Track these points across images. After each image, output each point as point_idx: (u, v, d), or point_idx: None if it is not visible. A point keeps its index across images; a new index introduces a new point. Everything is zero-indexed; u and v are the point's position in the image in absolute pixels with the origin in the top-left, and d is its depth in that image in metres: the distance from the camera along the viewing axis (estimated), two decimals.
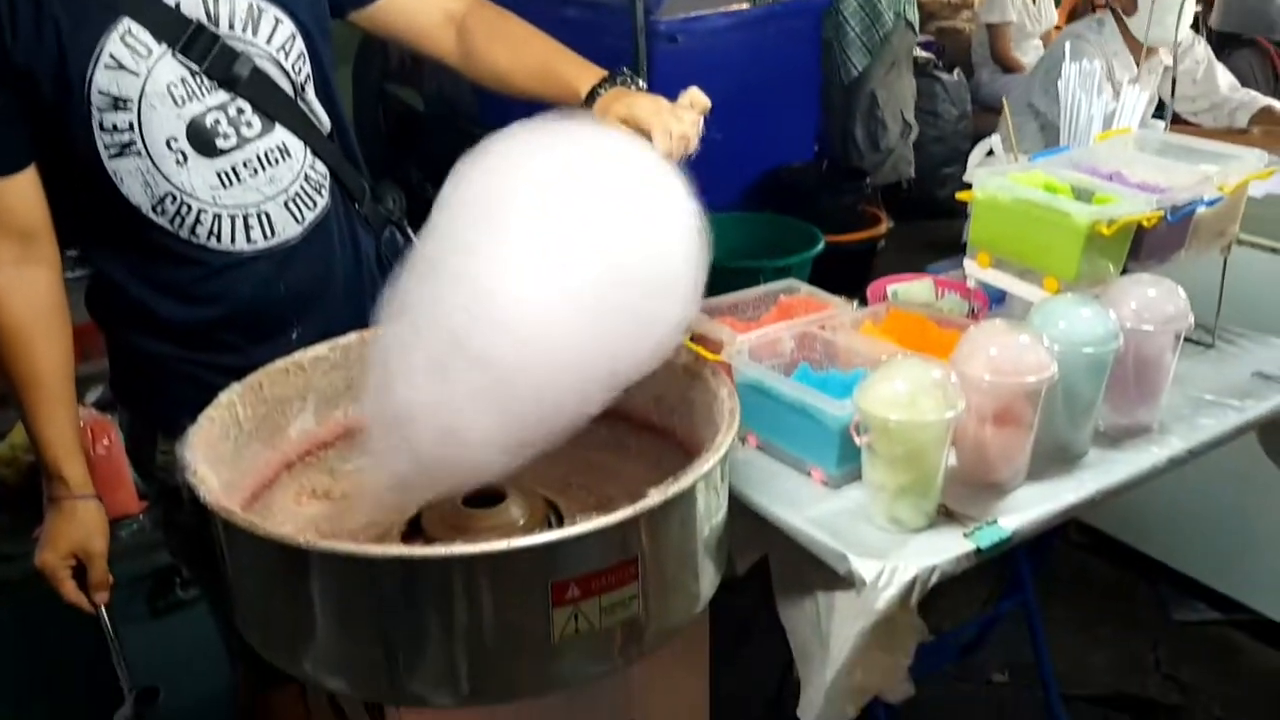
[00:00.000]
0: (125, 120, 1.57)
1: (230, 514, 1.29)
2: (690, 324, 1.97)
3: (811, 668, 1.67)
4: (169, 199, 1.63)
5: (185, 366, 1.75)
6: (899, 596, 1.55)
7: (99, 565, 1.69)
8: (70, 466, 1.65)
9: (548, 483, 1.72)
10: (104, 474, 2.51)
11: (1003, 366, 1.66)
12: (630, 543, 1.30)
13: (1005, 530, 1.64)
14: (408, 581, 1.24)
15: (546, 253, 1.32)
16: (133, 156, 1.59)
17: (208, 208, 1.65)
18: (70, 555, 1.67)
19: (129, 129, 1.58)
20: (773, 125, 4.97)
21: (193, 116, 1.61)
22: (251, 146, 1.67)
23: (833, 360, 1.92)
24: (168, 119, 1.59)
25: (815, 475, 1.77)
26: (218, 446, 1.51)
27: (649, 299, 1.37)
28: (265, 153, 1.68)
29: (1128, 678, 2.79)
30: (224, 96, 1.63)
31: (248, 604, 1.40)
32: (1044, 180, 1.95)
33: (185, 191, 1.63)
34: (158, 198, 1.62)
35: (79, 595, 1.70)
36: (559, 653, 1.29)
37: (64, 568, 1.67)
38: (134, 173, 1.60)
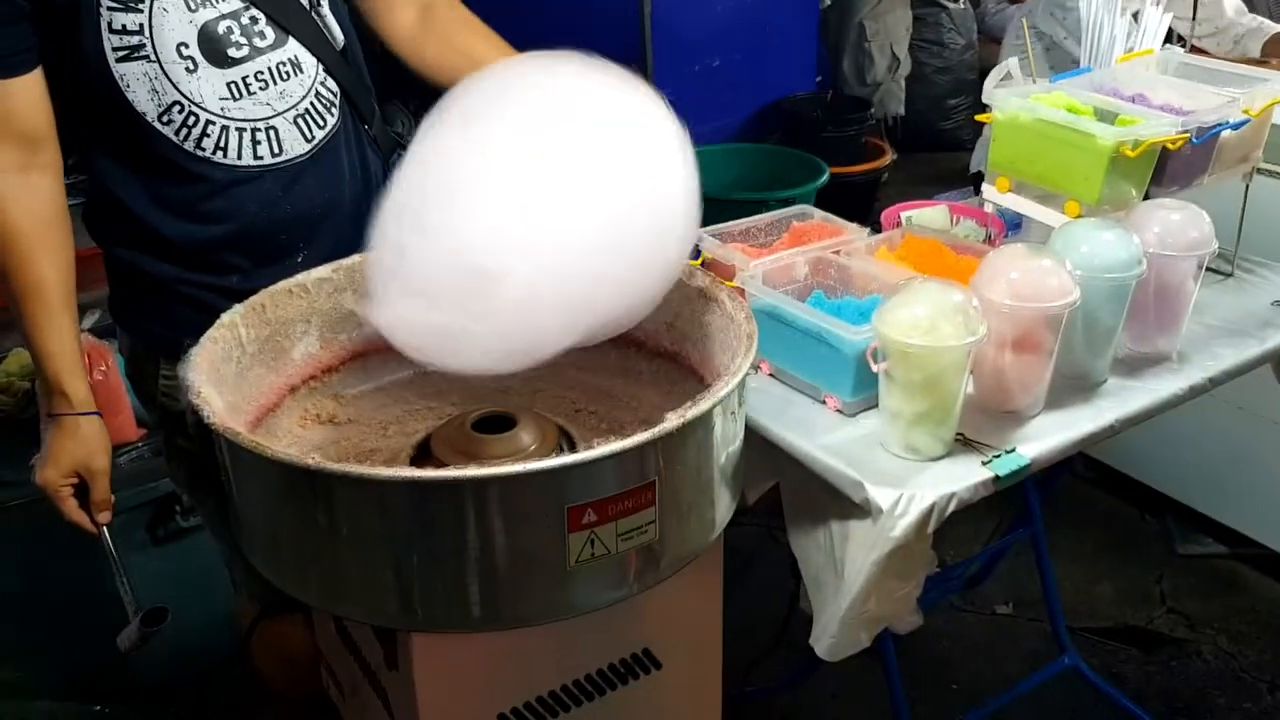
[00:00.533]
0: (135, 21, 1.53)
1: (236, 435, 1.26)
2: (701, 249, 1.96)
3: (825, 596, 1.64)
4: (176, 108, 1.58)
5: (188, 288, 1.70)
6: (916, 525, 1.52)
7: (101, 484, 1.65)
8: (72, 381, 1.60)
9: (558, 409, 1.69)
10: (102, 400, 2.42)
11: (1024, 291, 1.62)
12: (647, 468, 1.27)
13: (1024, 458, 1.61)
14: (419, 504, 1.21)
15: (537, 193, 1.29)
16: (141, 61, 1.55)
17: (215, 119, 1.60)
18: (72, 473, 1.63)
19: (139, 31, 1.53)
20: (774, 54, 4.89)
21: (205, 22, 1.56)
22: (264, 58, 1.62)
23: (848, 286, 1.88)
24: (179, 23, 1.55)
25: (830, 403, 1.74)
26: (220, 368, 1.47)
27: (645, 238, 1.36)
28: (277, 65, 1.64)
29: (1133, 611, 2.79)
30: (238, 4, 1.59)
31: (253, 529, 1.37)
32: (1066, 102, 1.90)
33: (193, 101, 1.58)
34: (164, 106, 1.58)
35: (81, 514, 1.66)
36: (574, 578, 1.26)
37: (65, 486, 1.63)
38: (141, 78, 1.55)
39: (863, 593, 1.58)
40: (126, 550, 2.45)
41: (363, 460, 1.59)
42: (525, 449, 1.48)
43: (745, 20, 4.65)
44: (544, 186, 1.29)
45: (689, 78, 4.59)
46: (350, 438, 1.64)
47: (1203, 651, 2.66)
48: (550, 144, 1.31)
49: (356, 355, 1.71)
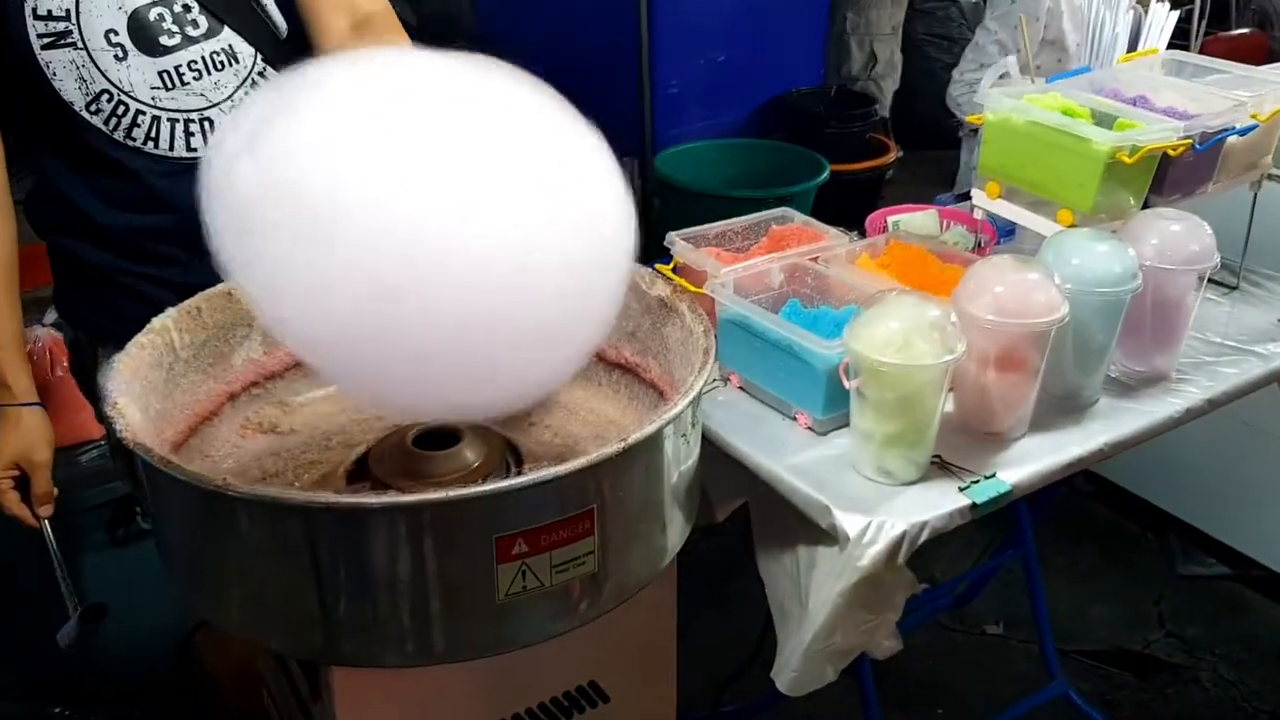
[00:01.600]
0: (61, 7, 1.47)
1: (147, 451, 1.17)
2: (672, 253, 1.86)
3: (789, 626, 1.55)
4: (105, 96, 1.53)
5: (128, 279, 1.65)
6: (885, 554, 1.43)
7: (42, 476, 1.60)
8: (12, 370, 1.56)
9: (510, 423, 1.59)
10: (65, 397, 2.40)
11: (1008, 306, 1.52)
12: (586, 494, 1.18)
13: (1005, 485, 1.51)
14: (333, 531, 1.12)
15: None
16: (68, 48, 1.49)
17: (146, 109, 1.55)
18: (13, 465, 1.58)
19: (65, 17, 1.48)
20: (781, 49, 4.79)
21: (135, 9, 1.52)
22: (196, 47, 1.56)
23: (825, 296, 1.78)
24: (108, 9, 1.50)
25: (801, 420, 1.64)
26: (148, 375, 1.38)
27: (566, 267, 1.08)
28: (210, 55, 1.58)
29: (1129, 633, 2.69)
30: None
31: (171, 550, 1.29)
32: (1062, 103, 1.79)
33: (123, 90, 1.53)
34: (93, 95, 1.53)
35: (21, 508, 1.61)
36: (506, 612, 1.17)
37: (5, 479, 1.58)
38: (68, 66, 1.50)
39: (828, 625, 1.48)
40: (85, 551, 2.40)
41: (301, 474, 1.50)
42: (467, 467, 1.39)
43: (752, 12, 4.56)
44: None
45: (692, 71, 4.50)
46: (291, 449, 1.55)
47: (1201, 679, 2.56)
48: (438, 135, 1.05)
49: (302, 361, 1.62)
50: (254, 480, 1.48)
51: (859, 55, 5.06)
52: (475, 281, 0.99)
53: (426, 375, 1.05)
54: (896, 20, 5.12)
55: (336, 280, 0.99)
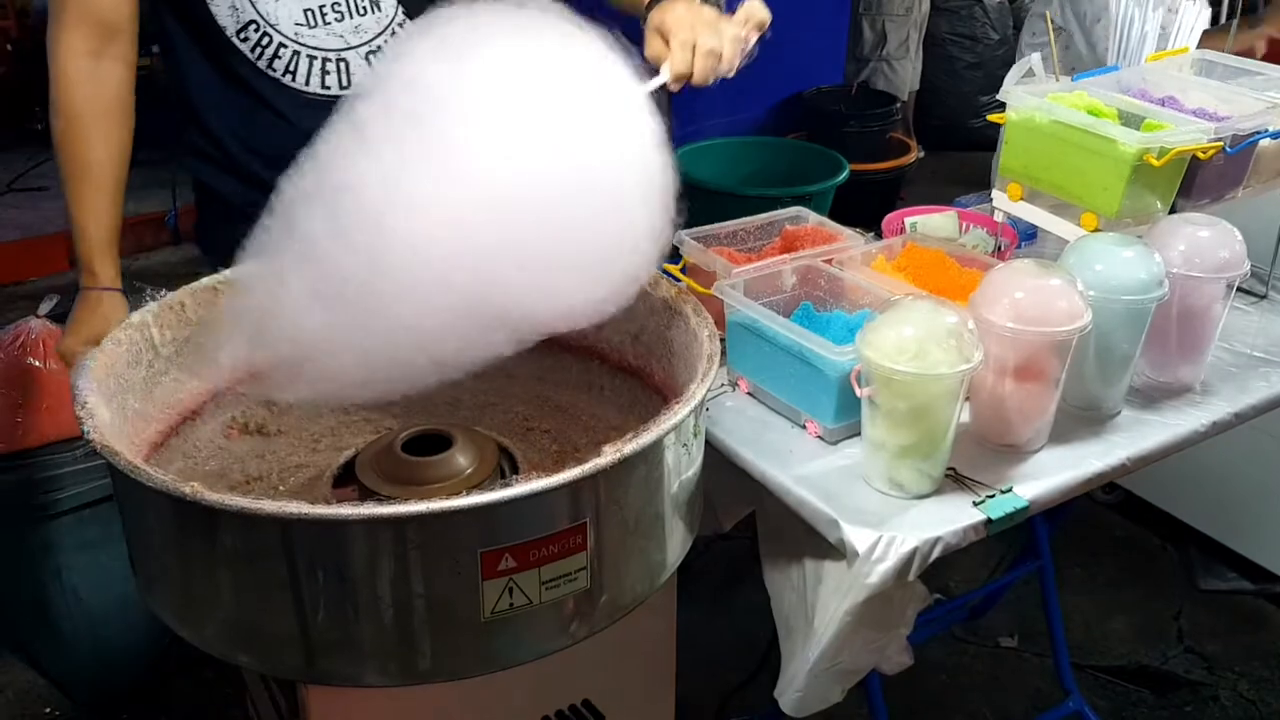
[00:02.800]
0: None
1: (113, 455, 1.11)
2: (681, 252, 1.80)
3: (794, 643, 1.49)
4: (252, 26, 1.60)
5: (250, 208, 1.64)
6: (894, 571, 1.36)
7: None
8: (102, 260, 1.57)
9: (508, 427, 1.54)
10: (59, 390, 2.35)
11: (1028, 314, 1.45)
12: (579, 506, 1.12)
13: (1021, 500, 1.44)
14: (309, 544, 1.06)
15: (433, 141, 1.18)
16: None
17: (288, 43, 1.62)
18: (90, 343, 1.52)
19: None
20: (800, 46, 4.72)
21: None
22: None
23: (838, 299, 1.71)
24: None
25: (810, 428, 1.57)
26: (125, 373, 1.33)
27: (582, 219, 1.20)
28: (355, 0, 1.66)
29: (1147, 648, 2.61)
30: None
31: (140, 559, 1.23)
32: (1088, 103, 1.72)
33: (269, 22, 1.61)
34: (242, 23, 1.60)
35: None
36: (492, 630, 1.11)
37: (82, 354, 1.52)
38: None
39: (834, 644, 1.42)
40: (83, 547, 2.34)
41: (286, 477, 1.45)
42: (459, 474, 1.33)
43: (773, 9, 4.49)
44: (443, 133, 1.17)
45: None
46: (277, 451, 1.49)
47: (1220, 696, 2.47)
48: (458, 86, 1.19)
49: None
50: (237, 483, 1.43)
51: (870, 35, 4.96)
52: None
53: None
54: (910, 1, 4.99)
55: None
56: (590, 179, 1.19)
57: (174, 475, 1.10)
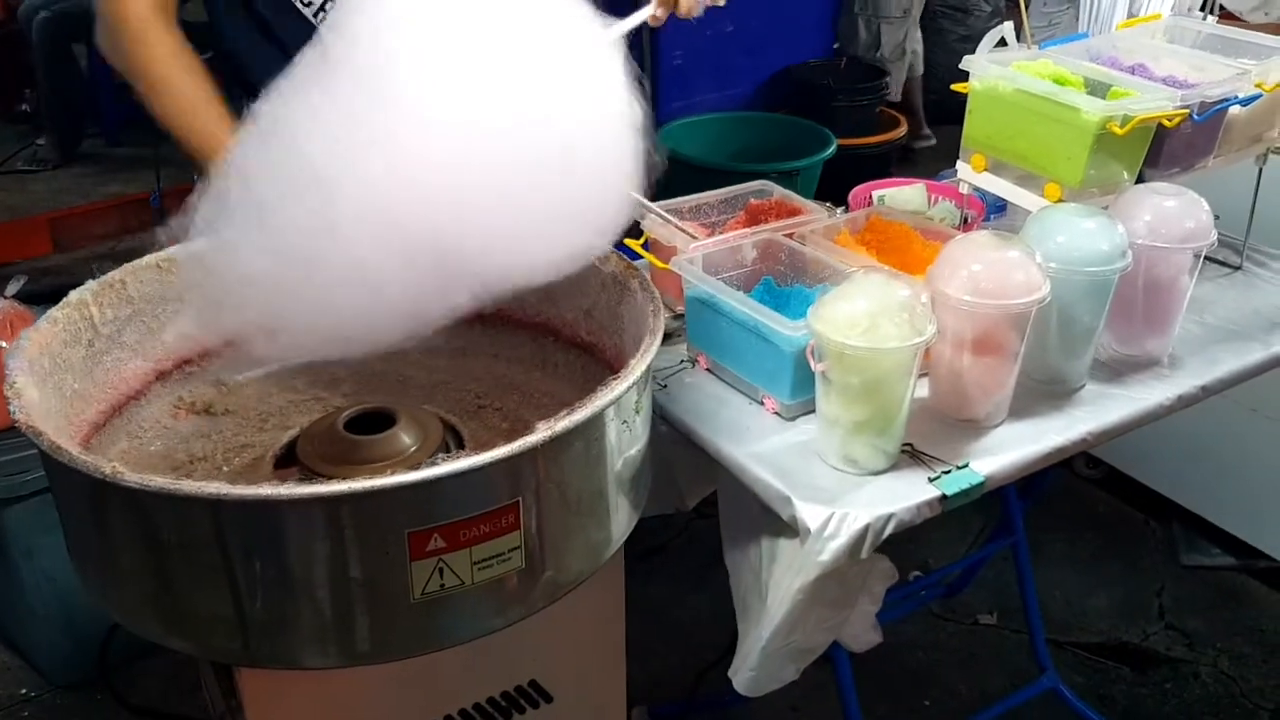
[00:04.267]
0: None
1: (36, 435, 1.09)
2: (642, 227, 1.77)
3: (749, 623, 1.47)
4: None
5: None
6: (846, 548, 1.34)
7: None
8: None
9: (458, 405, 1.51)
10: None
11: (985, 286, 1.43)
12: (512, 485, 1.09)
13: (978, 476, 1.42)
14: (235, 525, 1.04)
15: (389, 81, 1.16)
16: None
17: None
18: None
19: None
20: (792, 21, 4.67)
21: None
22: None
23: (799, 273, 1.69)
24: None
25: (768, 404, 1.55)
26: (63, 353, 1.31)
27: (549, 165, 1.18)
28: None
29: (1128, 625, 2.58)
30: None
31: (73, 543, 1.21)
32: (1053, 71, 1.69)
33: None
34: None
35: None
36: (424, 611, 1.09)
37: None
38: None
39: (787, 622, 1.40)
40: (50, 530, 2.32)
41: (231, 457, 1.43)
42: (402, 453, 1.31)
43: None
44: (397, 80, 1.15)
45: (698, 42, 4.39)
46: (223, 431, 1.47)
47: (1201, 673, 2.45)
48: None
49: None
50: (180, 464, 1.40)
51: (865, 36, 4.82)
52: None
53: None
54: (908, 3, 4.84)
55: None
56: (555, 130, 1.17)
57: (112, 457, 1.09)
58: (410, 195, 1.14)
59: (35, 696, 2.46)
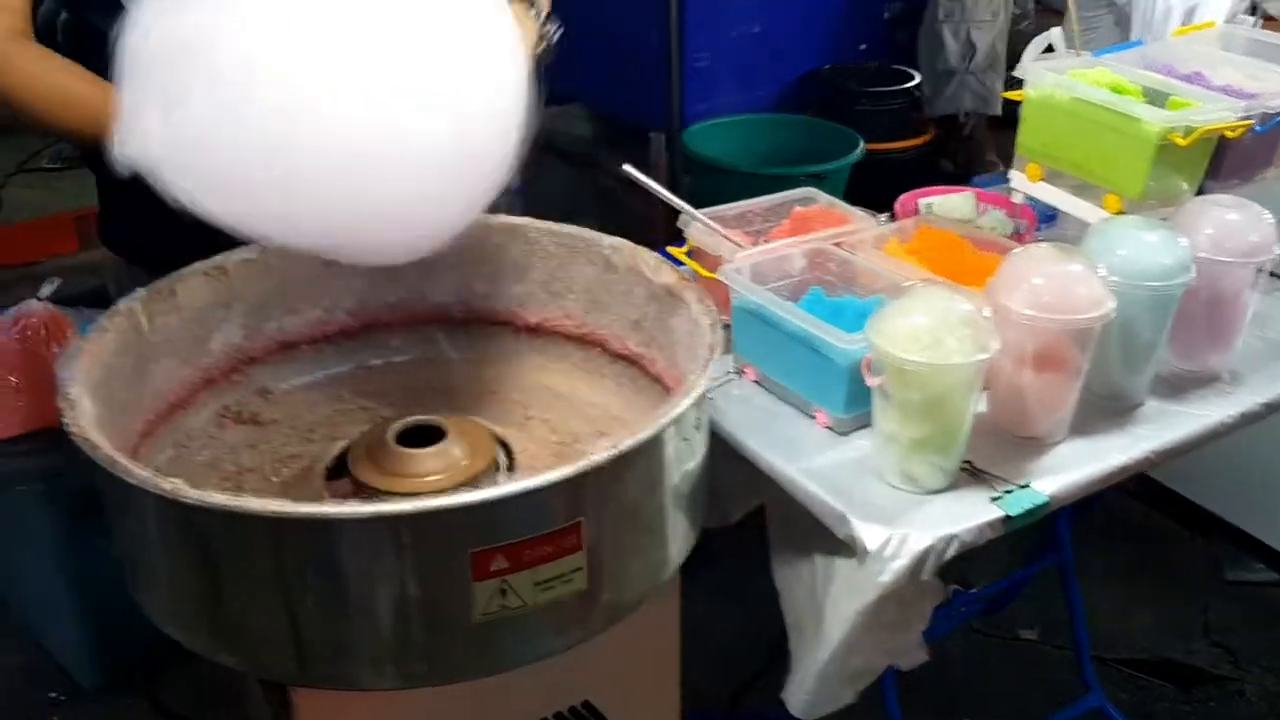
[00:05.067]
0: None
1: (93, 449, 1.07)
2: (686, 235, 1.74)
3: (803, 644, 1.44)
4: None
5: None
6: (908, 570, 1.31)
7: None
8: None
9: (506, 416, 1.49)
10: None
11: (1047, 301, 1.39)
12: (575, 505, 1.07)
13: (1041, 496, 1.39)
14: (293, 543, 1.02)
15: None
16: None
17: None
18: None
19: None
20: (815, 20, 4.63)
21: None
22: None
23: (850, 284, 1.66)
24: None
25: (820, 419, 1.52)
26: (113, 362, 1.28)
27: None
28: None
29: (1171, 641, 2.55)
30: None
31: (125, 556, 1.19)
32: (1110, 79, 1.66)
33: None
34: None
35: None
36: (484, 633, 1.07)
37: None
38: None
39: (844, 645, 1.37)
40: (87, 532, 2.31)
41: (279, 468, 1.41)
42: (453, 466, 1.29)
43: None
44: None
45: (724, 43, 4.36)
46: (271, 441, 1.45)
47: (1246, 691, 2.42)
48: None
49: (286, 345, 1.52)
50: (229, 474, 1.39)
51: (954, 45, 4.47)
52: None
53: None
54: (996, 5, 4.45)
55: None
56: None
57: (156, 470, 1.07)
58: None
59: (65, 701, 2.45)
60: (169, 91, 1.10)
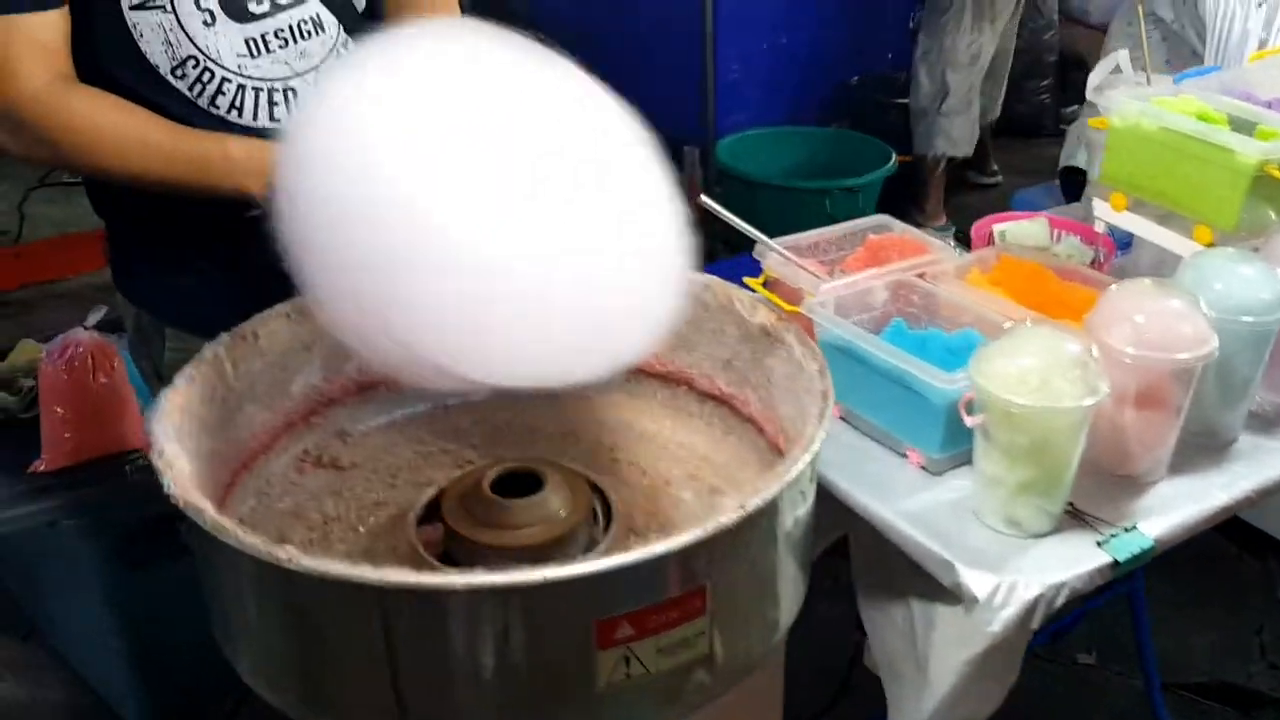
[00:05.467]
0: None
1: (198, 513, 1.03)
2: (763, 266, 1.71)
3: (903, 691, 1.41)
4: (191, 62, 1.46)
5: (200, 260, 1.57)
6: (1017, 619, 1.28)
7: None
8: (218, 138, 1.42)
9: (594, 459, 1.45)
10: (108, 404, 2.29)
11: (1151, 338, 1.36)
12: (699, 568, 1.03)
13: (1147, 539, 1.36)
14: (407, 611, 0.98)
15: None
16: (156, 10, 1.43)
17: (232, 77, 1.49)
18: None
19: None
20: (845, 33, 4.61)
21: None
22: (284, 15, 1.52)
23: (933, 316, 1.63)
24: None
25: (912, 458, 1.49)
26: (199, 412, 1.25)
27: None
28: (298, 23, 1.53)
29: (1230, 664, 2.51)
30: None
31: (222, 615, 1.15)
32: (1197, 108, 1.62)
33: (209, 56, 1.47)
34: (179, 60, 1.46)
35: None
36: (604, 703, 1.03)
37: None
38: (156, 28, 1.44)
39: (951, 695, 1.34)
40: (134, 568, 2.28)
41: (365, 516, 1.37)
42: (553, 517, 1.25)
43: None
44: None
45: (755, 55, 4.34)
46: (353, 487, 1.41)
47: None
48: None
49: (364, 387, 1.48)
50: (314, 524, 1.35)
51: (927, 85, 4.26)
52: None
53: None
54: (977, 48, 4.24)
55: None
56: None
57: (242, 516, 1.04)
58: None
59: None
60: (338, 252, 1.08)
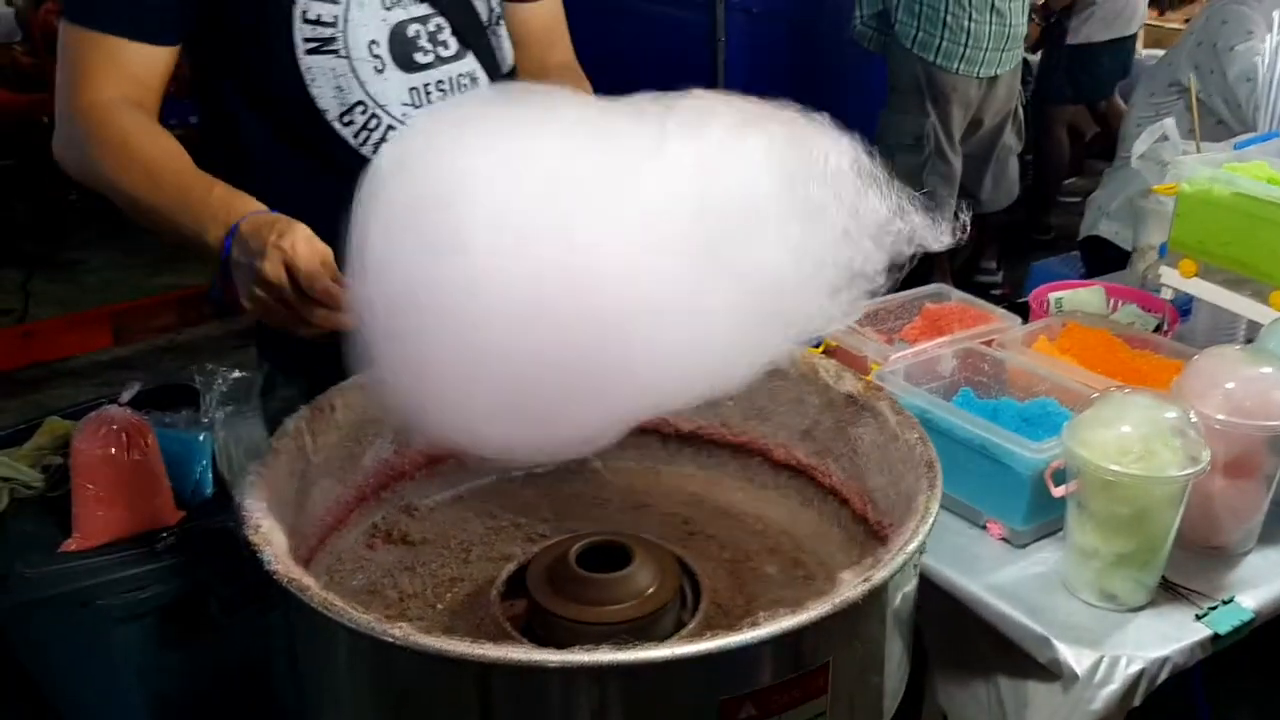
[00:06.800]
0: (331, 13, 1.43)
1: (303, 590, 0.99)
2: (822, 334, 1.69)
3: None
4: (359, 108, 1.48)
5: None
6: (1119, 696, 1.24)
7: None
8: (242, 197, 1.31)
9: (668, 531, 1.42)
10: (140, 480, 2.23)
11: (1243, 405, 1.34)
12: (822, 645, 0.99)
13: (1246, 611, 1.32)
14: (529, 692, 0.94)
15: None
16: (330, 55, 1.45)
17: (396, 125, 1.50)
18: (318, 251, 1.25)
19: (333, 23, 1.44)
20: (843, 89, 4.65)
21: (397, 22, 1.49)
22: (446, 68, 1.54)
23: (1003, 385, 1.61)
24: (372, 20, 1.47)
25: (992, 530, 1.46)
26: (283, 487, 1.21)
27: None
28: (457, 77, 1.56)
29: None
30: (426, 9, 1.51)
31: (314, 689, 1.11)
32: (1268, 173, 1.62)
33: (378, 103, 1.49)
34: (348, 105, 1.48)
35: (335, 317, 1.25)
36: None
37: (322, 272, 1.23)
38: (328, 73, 1.46)
39: None
40: (158, 649, 2.21)
41: (442, 593, 1.33)
42: (643, 593, 1.21)
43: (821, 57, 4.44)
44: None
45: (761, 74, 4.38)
46: (427, 563, 1.37)
47: None
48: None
49: (432, 460, 1.45)
50: (392, 602, 1.31)
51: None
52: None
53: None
54: (920, 129, 4.06)
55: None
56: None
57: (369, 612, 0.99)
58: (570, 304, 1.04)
59: None
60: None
